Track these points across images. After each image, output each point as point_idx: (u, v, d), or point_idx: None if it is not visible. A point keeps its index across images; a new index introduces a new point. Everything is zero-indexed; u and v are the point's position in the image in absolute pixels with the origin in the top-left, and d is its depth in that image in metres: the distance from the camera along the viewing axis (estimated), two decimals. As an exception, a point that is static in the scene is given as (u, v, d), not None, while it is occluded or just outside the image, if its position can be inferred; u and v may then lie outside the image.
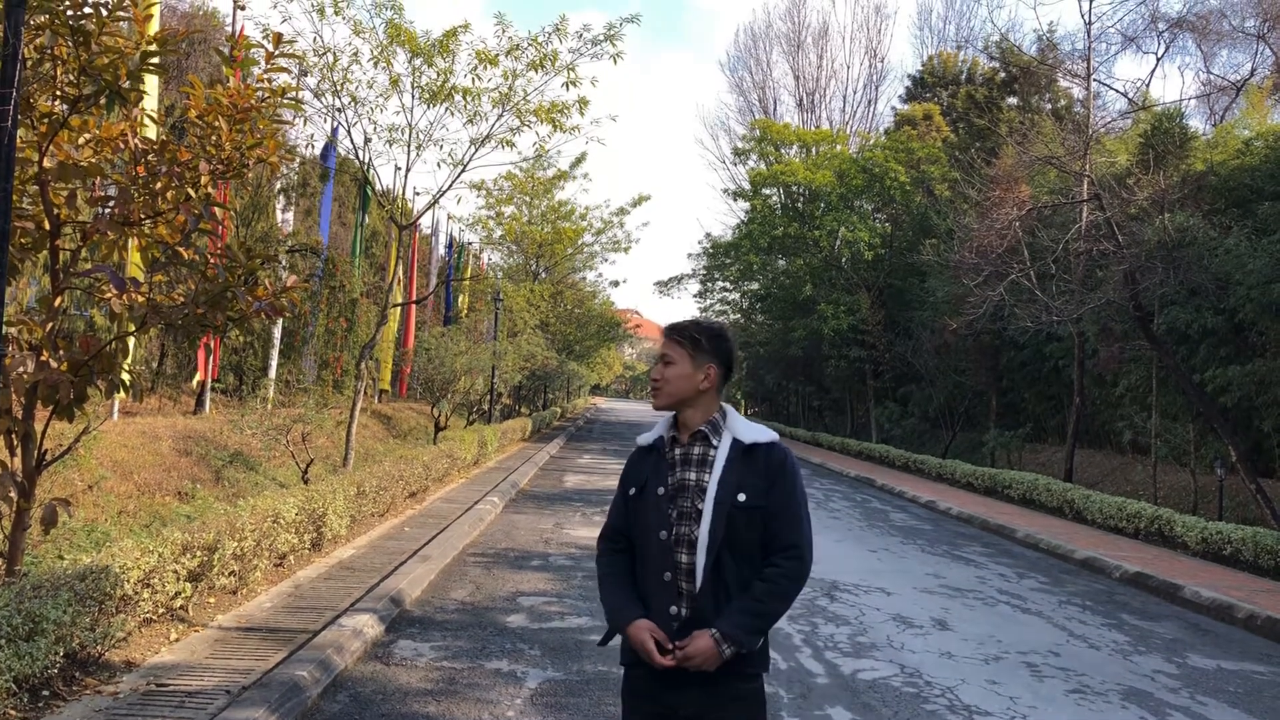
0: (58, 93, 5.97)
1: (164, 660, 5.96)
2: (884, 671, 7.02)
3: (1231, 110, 27.90)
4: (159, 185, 6.11)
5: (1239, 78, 27.78)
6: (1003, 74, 39.88)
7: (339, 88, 13.96)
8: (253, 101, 6.26)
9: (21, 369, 5.51)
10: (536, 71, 14.41)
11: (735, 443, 2.98)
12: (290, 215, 19.80)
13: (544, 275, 40.00)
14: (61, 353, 5.83)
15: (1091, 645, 8.30)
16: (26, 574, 5.70)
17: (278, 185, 18.73)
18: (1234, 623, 9.60)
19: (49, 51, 5.84)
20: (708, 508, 2.87)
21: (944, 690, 6.65)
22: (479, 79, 14.39)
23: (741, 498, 2.88)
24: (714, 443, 3.00)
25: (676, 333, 3.08)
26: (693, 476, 2.96)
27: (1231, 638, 9.08)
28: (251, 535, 7.70)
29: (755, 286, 42.84)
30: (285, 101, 6.69)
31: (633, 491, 3.07)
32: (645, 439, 3.15)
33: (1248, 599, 10.13)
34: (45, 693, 5.10)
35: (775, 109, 51.51)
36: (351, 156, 16.19)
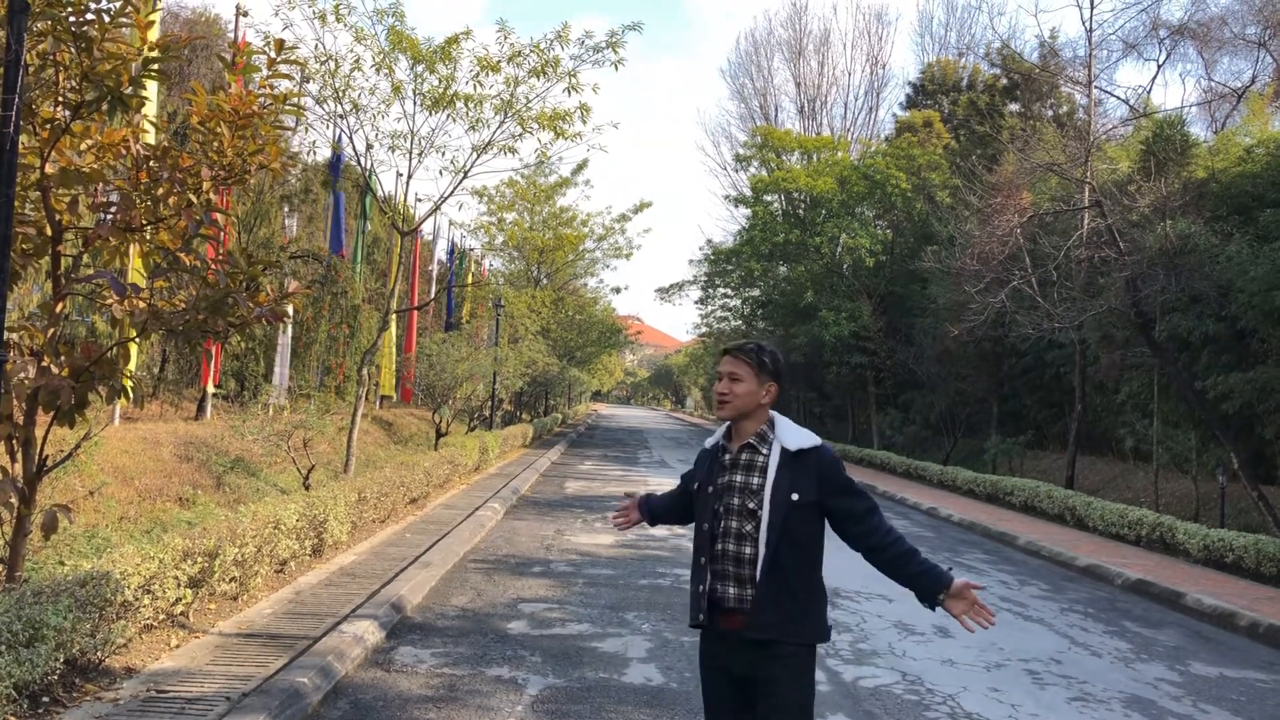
0: (60, 98, 5.98)
1: (164, 666, 5.95)
2: (885, 679, 7.00)
3: (1233, 117, 27.90)
4: (161, 191, 6.12)
5: (1240, 85, 27.81)
6: (1004, 81, 39.91)
7: (341, 94, 13.97)
8: (255, 108, 6.27)
9: (23, 374, 5.51)
10: (538, 78, 14.42)
11: (783, 450, 3.42)
12: (294, 222, 19.83)
13: (545, 281, 40.04)
14: (63, 358, 5.83)
15: (1093, 653, 8.28)
16: (27, 580, 5.69)
17: (279, 191, 18.74)
18: (1236, 630, 9.58)
19: (51, 57, 5.85)
20: (765, 506, 3.34)
21: (946, 698, 6.64)
22: (481, 85, 14.41)
23: (795, 497, 3.34)
24: (762, 451, 3.44)
25: (743, 353, 3.52)
26: (739, 479, 3.43)
27: (1234, 645, 9.06)
28: (252, 541, 7.69)
29: (756, 293, 42.81)
30: (287, 108, 6.70)
31: (695, 486, 3.61)
32: (709, 441, 3.67)
33: (1250, 607, 10.11)
34: (45, 699, 5.09)
35: (776, 115, 51.54)
36: (353, 163, 16.20)
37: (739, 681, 3.37)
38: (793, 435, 3.46)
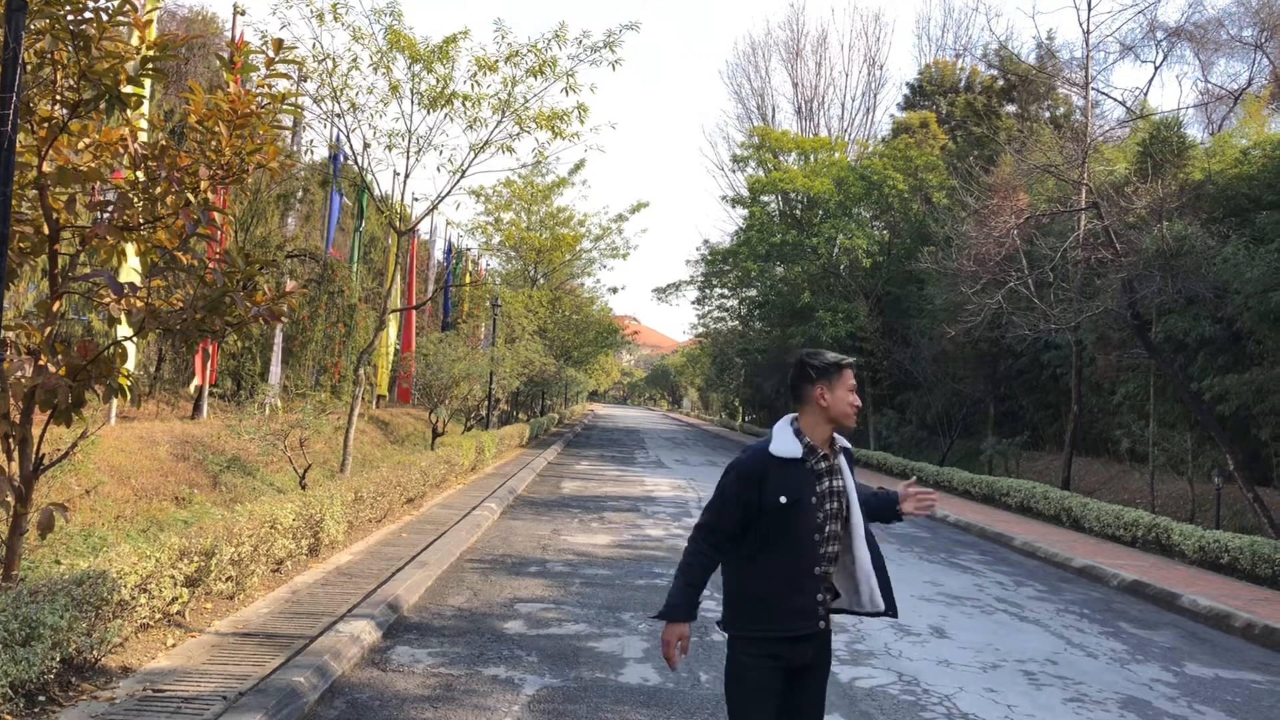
0: (57, 97, 5.97)
1: (161, 666, 5.95)
2: (881, 679, 7.01)
3: (1229, 119, 27.97)
4: (158, 190, 6.11)
5: (1237, 87, 27.88)
6: (1001, 82, 39.96)
7: (338, 93, 13.96)
8: (253, 107, 6.27)
9: (20, 373, 5.50)
10: (536, 78, 14.42)
11: (846, 451, 3.72)
12: (291, 220, 19.81)
13: (542, 281, 40.03)
14: (60, 357, 5.82)
15: (1089, 654, 8.29)
16: (23, 579, 5.69)
17: (276, 191, 18.73)
18: (1231, 631, 9.60)
19: (49, 56, 5.85)
20: (855, 506, 3.62)
21: (942, 698, 6.64)
22: (478, 85, 14.40)
23: (861, 494, 3.70)
24: (839, 454, 3.68)
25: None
26: (837, 484, 3.62)
27: (1229, 646, 9.08)
28: (249, 541, 7.69)
29: (753, 293, 42.83)
30: (285, 107, 6.70)
31: (783, 500, 3.47)
32: (782, 450, 3.55)
33: (1245, 608, 10.13)
34: (41, 698, 5.09)
35: (774, 116, 51.60)
36: (350, 162, 16.19)
37: (797, 672, 3.56)
38: (839, 437, 3.74)
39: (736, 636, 3.59)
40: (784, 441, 3.57)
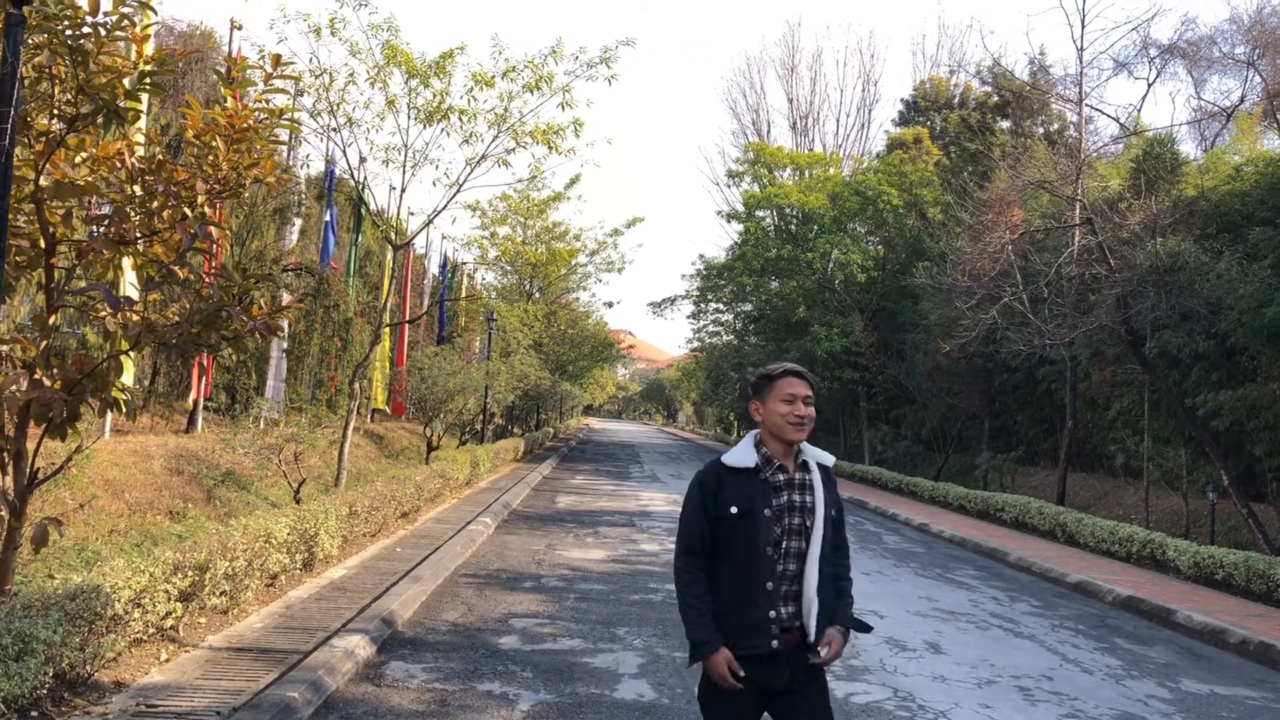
0: (55, 111, 5.98)
1: (154, 681, 5.93)
2: (877, 695, 7.00)
3: (1222, 136, 28.12)
4: (155, 204, 6.12)
5: (1229, 104, 28.02)
6: (995, 98, 40.15)
7: (335, 108, 14.01)
8: (250, 122, 6.29)
9: (15, 387, 5.50)
10: (532, 93, 14.48)
11: (821, 467, 3.60)
12: (294, 234, 19.83)
13: (538, 295, 40.06)
14: (55, 371, 5.82)
15: (1084, 669, 8.29)
16: (17, 593, 5.67)
17: (273, 205, 18.75)
18: (1226, 648, 9.60)
19: (47, 70, 5.86)
20: (818, 525, 3.47)
21: (937, 714, 6.64)
22: (475, 100, 14.46)
23: (833, 512, 3.57)
24: (810, 468, 3.57)
25: (809, 377, 3.62)
26: (798, 498, 3.49)
27: (1224, 663, 9.08)
28: (243, 555, 7.67)
29: (748, 308, 42.87)
30: (282, 122, 6.72)
31: (734, 510, 3.44)
32: (736, 461, 3.54)
33: (1240, 624, 10.13)
34: (34, 714, 5.07)
35: (769, 132, 51.78)
36: (347, 176, 16.22)
37: (773, 697, 3.46)
38: (820, 452, 3.64)
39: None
40: (739, 452, 3.56)
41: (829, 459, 3.66)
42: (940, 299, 24.15)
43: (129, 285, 10.83)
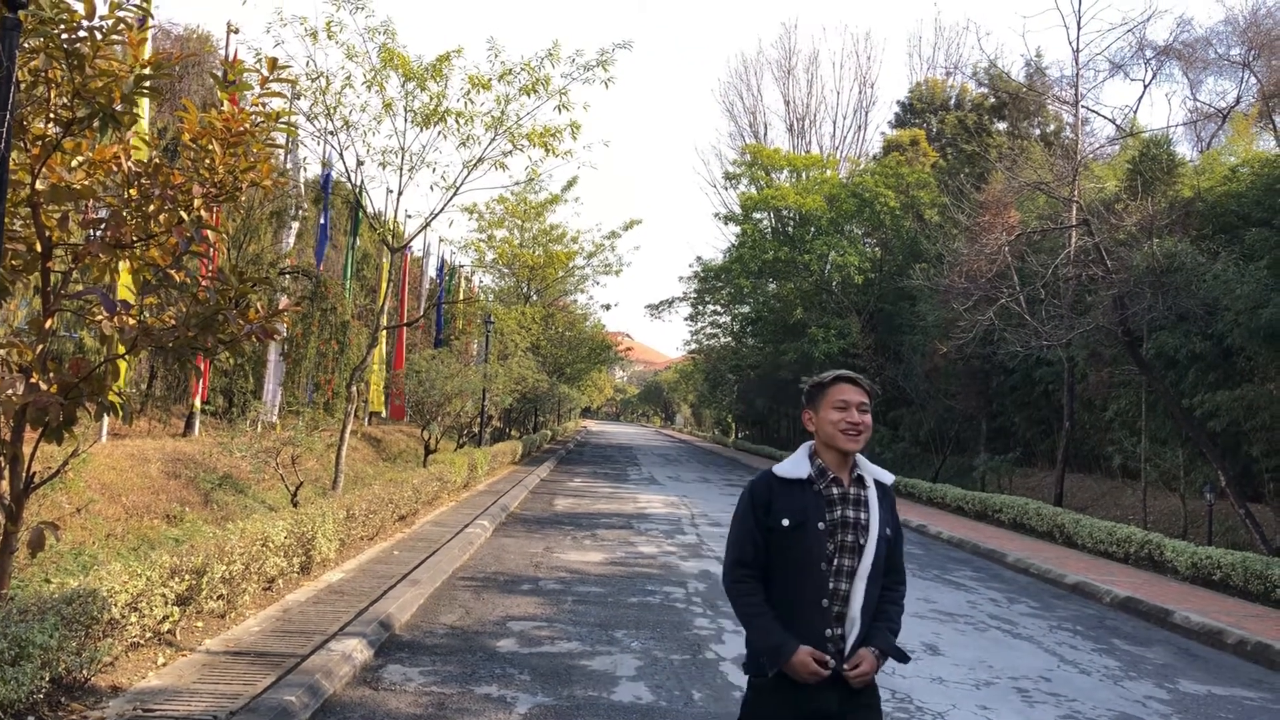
0: (51, 115, 5.98)
1: (151, 685, 5.92)
2: (875, 697, 6.99)
3: (1218, 137, 28.16)
4: (152, 208, 6.12)
5: (1225, 105, 28.06)
6: (992, 100, 40.20)
7: (331, 111, 14.00)
8: (247, 126, 6.28)
9: (11, 391, 5.49)
10: (529, 96, 14.49)
11: (879, 484, 3.44)
12: (291, 237, 19.81)
13: (535, 298, 40.06)
14: (51, 375, 5.81)
15: (1082, 670, 8.29)
16: (13, 598, 5.66)
17: (270, 208, 18.74)
18: (1224, 648, 9.61)
19: (43, 74, 5.86)
20: (871, 543, 3.31)
21: (935, 716, 6.64)
22: (472, 103, 14.45)
23: (888, 532, 3.39)
24: (866, 483, 3.41)
25: (867, 384, 3.46)
26: (852, 514, 3.33)
27: (1222, 663, 9.08)
28: (240, 559, 7.66)
29: (746, 310, 42.91)
30: (279, 126, 6.71)
31: (786, 523, 3.30)
32: (787, 471, 3.40)
33: (1238, 624, 10.14)
34: (30, 718, 5.06)
35: (766, 134, 51.85)
36: (343, 179, 16.22)
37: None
38: (878, 469, 3.49)
39: (751, 681, 3.41)
40: (792, 462, 3.44)
41: (888, 477, 3.51)
42: (937, 300, 24.17)
43: (125, 289, 10.82)
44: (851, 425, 3.35)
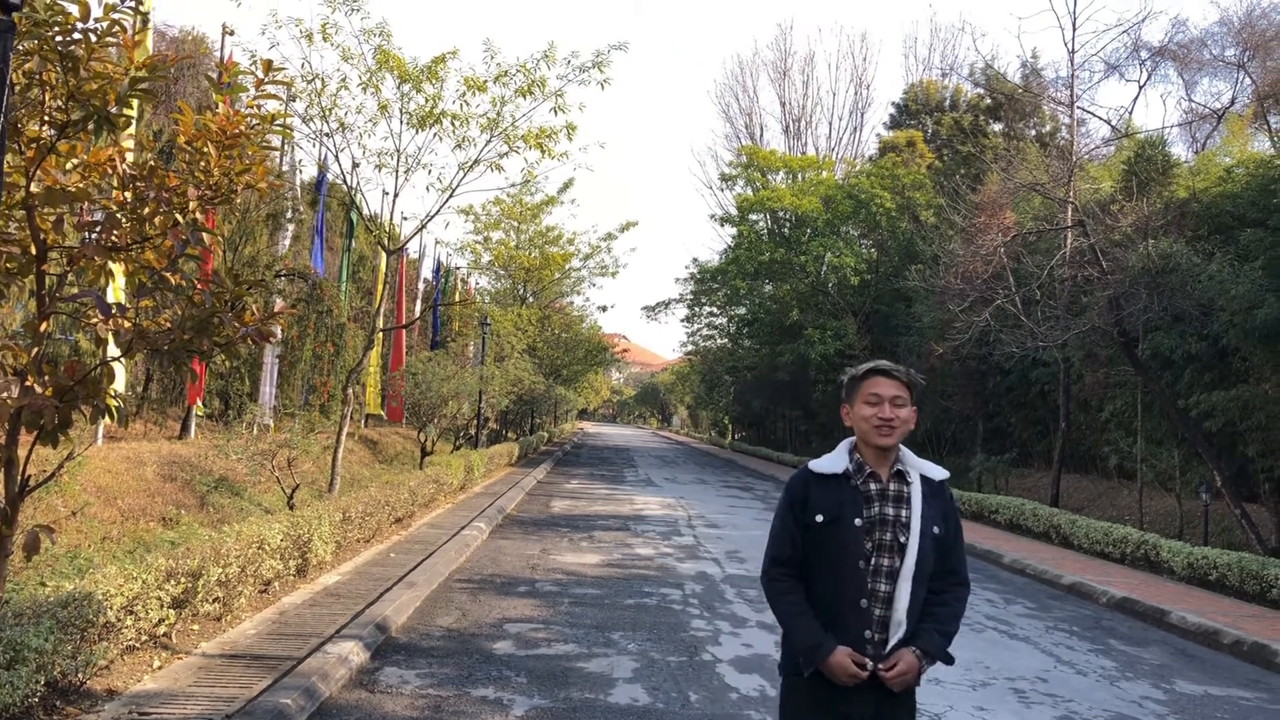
0: (45, 118, 5.96)
1: (147, 688, 5.91)
2: (872, 698, 6.99)
3: (1213, 138, 28.19)
4: (147, 211, 6.11)
5: (1220, 106, 28.07)
6: (988, 100, 40.26)
7: (327, 113, 13.99)
8: (242, 128, 6.27)
9: (6, 394, 5.48)
10: (525, 98, 14.49)
11: (926, 480, 3.31)
12: (286, 239, 19.80)
13: (532, 300, 40.06)
14: (47, 378, 5.79)
15: (1079, 671, 8.30)
16: (8, 601, 5.65)
17: (265, 210, 18.72)
18: (1220, 648, 9.62)
19: (37, 77, 5.84)
20: (914, 542, 3.17)
21: (932, 717, 6.63)
22: (467, 104, 14.45)
23: (936, 530, 3.24)
24: (909, 479, 3.28)
25: (905, 375, 3.32)
26: (891, 511, 3.22)
27: (1218, 663, 9.09)
28: (236, 561, 7.65)
29: (742, 311, 42.96)
30: (275, 128, 6.70)
31: (820, 519, 3.22)
32: (823, 466, 3.32)
33: (1234, 624, 10.15)
34: (26, 722, 5.05)
35: (762, 135, 51.89)
36: (339, 181, 16.21)
37: None
38: (927, 464, 3.36)
39: (785, 680, 3.33)
40: (830, 457, 3.35)
41: (938, 472, 3.36)
42: (933, 301, 24.20)
43: (121, 292, 10.80)
44: (884, 421, 3.24)
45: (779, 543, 3.32)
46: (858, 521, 3.18)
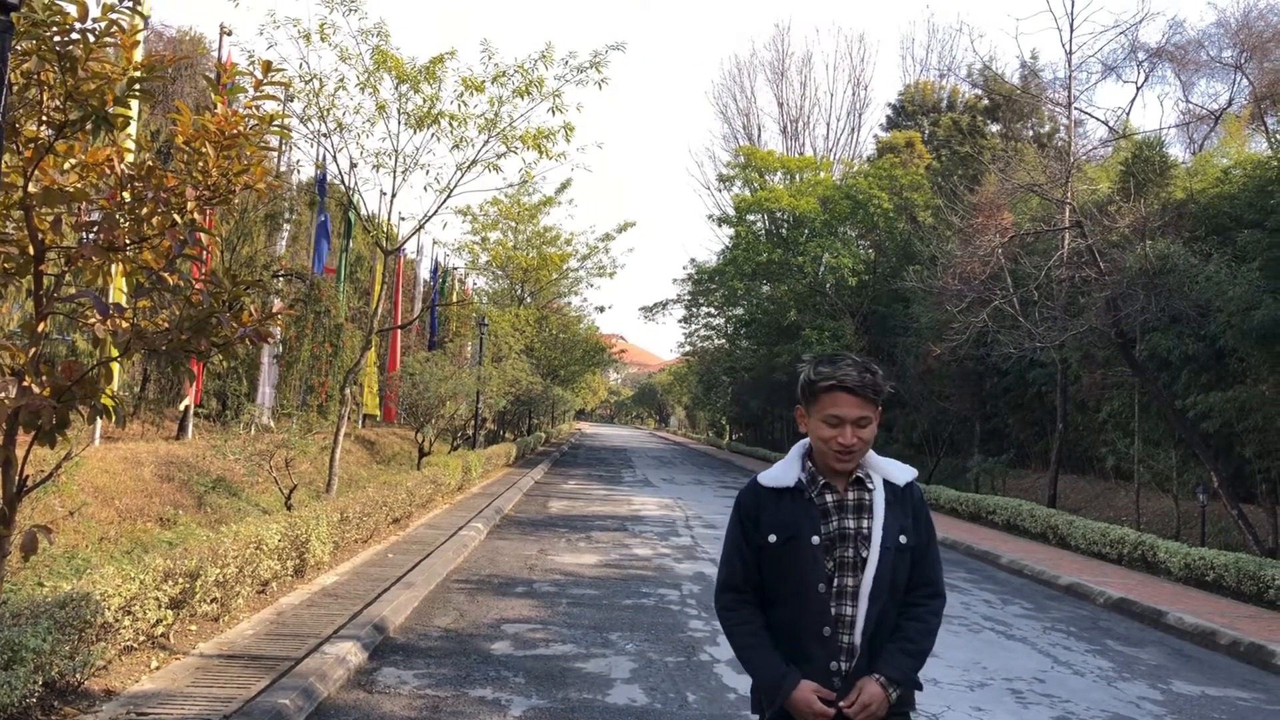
0: (44, 118, 5.96)
1: (144, 689, 5.90)
2: (869, 698, 6.99)
3: (1210, 139, 28.24)
4: (145, 211, 6.10)
5: (1217, 107, 28.14)
6: (985, 101, 40.30)
7: (325, 113, 13.98)
8: (240, 128, 6.27)
9: (4, 394, 5.47)
10: (523, 98, 14.49)
11: (889, 485, 2.92)
12: (284, 240, 19.80)
13: (529, 300, 40.06)
14: (44, 378, 5.79)
15: (1076, 672, 8.30)
16: (6, 602, 5.64)
17: (263, 211, 18.72)
18: (1217, 649, 9.63)
19: (35, 77, 5.84)
20: (874, 555, 2.81)
21: (930, 718, 6.64)
22: (465, 105, 14.45)
23: (903, 540, 2.87)
24: (869, 486, 2.91)
25: (872, 392, 2.89)
26: (851, 524, 2.86)
27: (1215, 664, 9.10)
28: (234, 562, 7.65)
29: (740, 312, 42.97)
30: (273, 129, 6.70)
31: (773, 539, 2.86)
32: (773, 480, 2.96)
33: (1231, 625, 10.16)
34: (23, 722, 5.05)
35: (760, 136, 51.91)
36: (337, 181, 16.20)
37: None
38: (891, 465, 2.98)
39: None
40: (781, 468, 2.99)
41: (903, 473, 2.97)
42: (931, 302, 24.21)
43: (119, 292, 10.79)
44: (842, 448, 2.84)
45: (730, 566, 2.97)
46: (815, 539, 2.83)
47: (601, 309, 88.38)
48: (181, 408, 16.05)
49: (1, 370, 5.93)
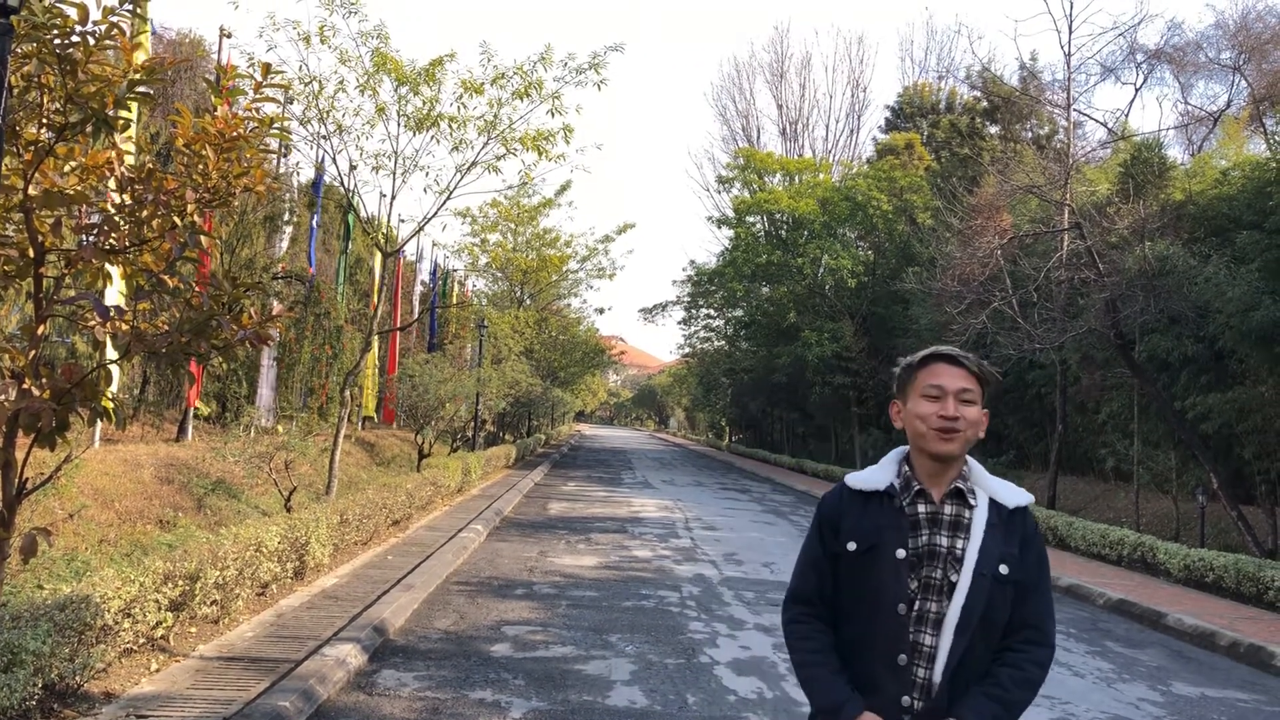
0: (44, 120, 5.97)
1: (144, 691, 5.91)
2: (869, 700, 6.99)
3: (1209, 140, 28.27)
4: (145, 213, 6.10)
5: (1216, 109, 28.17)
6: (984, 103, 40.31)
7: (325, 115, 13.98)
8: (240, 131, 6.27)
9: (3, 397, 5.48)
10: (522, 100, 14.49)
11: (995, 505, 2.58)
12: (284, 242, 19.80)
13: (529, 302, 40.07)
14: (44, 380, 5.79)
15: (1076, 673, 8.31)
16: (5, 604, 5.65)
17: (263, 213, 18.72)
18: (1217, 650, 9.63)
19: (35, 79, 5.84)
20: (964, 581, 2.47)
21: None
22: (465, 107, 14.45)
23: (1004, 570, 2.50)
24: (970, 502, 2.57)
25: (975, 365, 2.60)
26: (944, 542, 2.52)
27: (1215, 665, 9.11)
28: (234, 564, 7.65)
29: (739, 313, 42.97)
30: (273, 131, 6.70)
31: (852, 547, 2.57)
32: (862, 481, 2.65)
33: (1230, 626, 10.17)
34: (23, 725, 5.05)
35: (759, 138, 51.92)
36: (336, 184, 16.20)
37: None
38: (1002, 485, 2.63)
39: None
40: (874, 470, 2.68)
41: (1015, 496, 2.60)
42: (930, 304, 24.22)
43: (119, 294, 10.80)
44: (947, 421, 2.52)
45: (803, 575, 2.68)
46: (900, 553, 2.50)
47: (601, 311, 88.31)
48: (181, 411, 16.05)
49: (1, 373, 5.94)
